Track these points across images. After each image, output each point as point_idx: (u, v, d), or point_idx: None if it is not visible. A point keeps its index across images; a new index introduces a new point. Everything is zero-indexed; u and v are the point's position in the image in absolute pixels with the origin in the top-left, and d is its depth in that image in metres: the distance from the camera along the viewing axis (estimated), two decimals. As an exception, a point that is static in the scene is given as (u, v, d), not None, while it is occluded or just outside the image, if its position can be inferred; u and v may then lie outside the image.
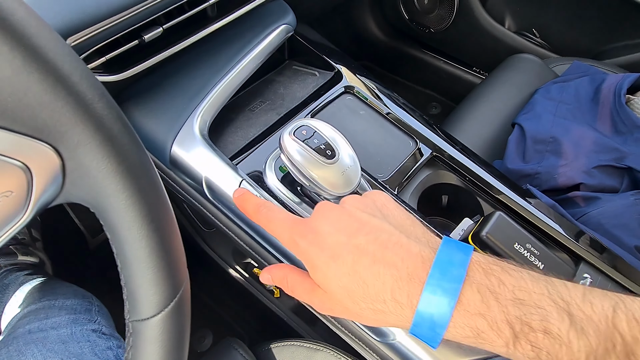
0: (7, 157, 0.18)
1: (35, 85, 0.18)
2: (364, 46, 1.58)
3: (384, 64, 1.59)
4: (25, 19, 0.18)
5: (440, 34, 1.39)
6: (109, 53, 0.46)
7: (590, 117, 0.79)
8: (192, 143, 0.52)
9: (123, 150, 0.21)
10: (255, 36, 0.63)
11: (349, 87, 0.65)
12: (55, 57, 0.18)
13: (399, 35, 1.52)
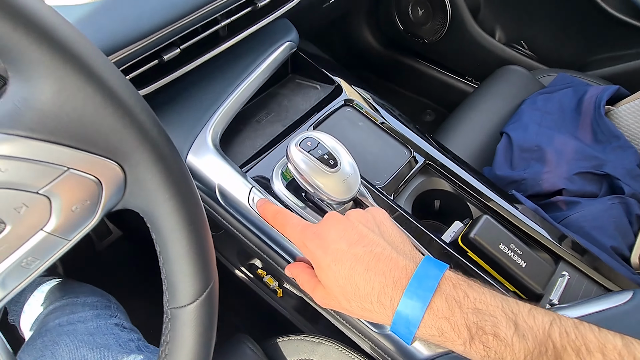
0: (86, 173, 0.23)
1: (109, 118, 0.23)
2: (360, 56, 1.64)
3: (380, 73, 1.65)
4: (103, 64, 0.23)
5: (434, 45, 1.44)
6: (132, 72, 0.51)
7: (572, 126, 0.85)
8: (206, 153, 0.57)
9: (171, 167, 0.26)
10: (262, 53, 0.68)
11: (348, 100, 0.70)
12: (124, 94, 0.23)
13: (394, 46, 1.58)
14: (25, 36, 0.19)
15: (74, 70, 0.21)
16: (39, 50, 0.20)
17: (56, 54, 0.20)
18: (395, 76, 1.61)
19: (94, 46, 0.23)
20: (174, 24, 0.50)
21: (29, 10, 0.19)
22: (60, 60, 0.20)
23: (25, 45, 0.20)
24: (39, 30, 0.20)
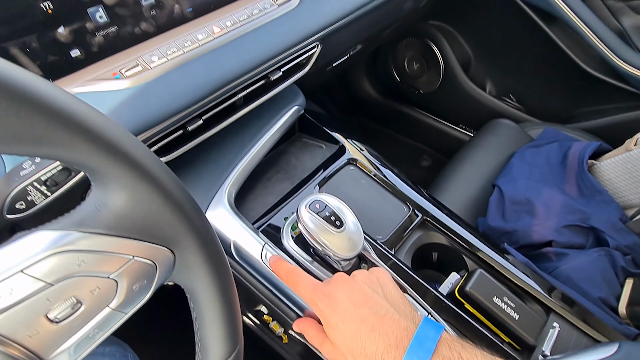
0: (146, 259, 0.28)
1: (167, 214, 0.28)
2: (360, 104, 1.73)
3: (379, 120, 1.73)
4: (164, 173, 0.28)
5: (429, 95, 1.54)
6: (159, 143, 0.57)
7: (559, 179, 0.91)
8: (223, 211, 0.63)
9: (210, 249, 0.32)
10: (272, 117, 0.75)
11: (351, 159, 0.76)
12: (179, 195, 0.29)
13: (391, 95, 1.68)
14: (107, 159, 0.25)
15: (143, 182, 0.27)
16: (118, 169, 0.26)
17: (131, 171, 0.26)
18: (393, 123, 1.70)
19: (157, 159, 0.28)
20: (199, 102, 0.56)
21: (111, 138, 0.25)
22: (134, 175, 0.26)
23: (107, 166, 0.25)
24: (118, 154, 0.25)
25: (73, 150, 0.24)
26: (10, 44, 0.45)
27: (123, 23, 0.53)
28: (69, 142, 0.23)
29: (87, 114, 0.24)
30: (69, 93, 0.24)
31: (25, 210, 0.37)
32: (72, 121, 0.23)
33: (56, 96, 0.23)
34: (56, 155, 0.24)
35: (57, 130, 0.22)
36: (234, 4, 0.64)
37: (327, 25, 0.72)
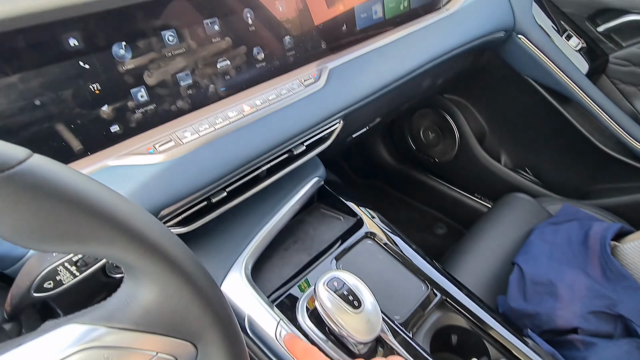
0: (169, 354, 0.28)
1: (195, 310, 0.28)
2: (376, 168, 1.76)
3: (393, 185, 1.75)
4: (195, 269, 0.29)
5: (445, 165, 1.56)
6: (183, 214, 0.58)
7: (582, 261, 0.89)
8: (239, 284, 0.62)
9: (232, 342, 0.31)
10: (293, 187, 0.77)
11: (370, 233, 0.76)
12: (209, 291, 0.29)
13: (407, 162, 1.71)
14: (144, 257, 0.26)
15: (176, 278, 0.27)
16: (153, 266, 0.26)
17: (165, 268, 0.27)
18: (408, 189, 1.71)
19: (190, 254, 0.29)
20: (226, 176, 0.58)
21: (149, 236, 0.26)
22: (168, 272, 0.27)
23: (142, 263, 0.26)
24: (155, 252, 0.26)
25: (113, 248, 0.24)
26: (58, 121, 0.48)
27: (161, 101, 0.56)
28: (109, 241, 0.24)
29: (128, 213, 0.25)
30: (112, 191, 0.26)
31: (52, 290, 0.37)
32: (115, 221, 0.24)
33: (101, 197, 0.24)
34: (96, 252, 0.24)
35: (101, 230, 0.23)
36: (264, 83, 0.68)
37: (350, 104, 0.76)
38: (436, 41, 0.95)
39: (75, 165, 0.49)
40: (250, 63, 0.66)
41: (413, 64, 0.88)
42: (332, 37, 0.78)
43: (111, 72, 0.51)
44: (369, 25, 0.86)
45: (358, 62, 0.79)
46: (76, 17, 0.46)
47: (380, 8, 0.87)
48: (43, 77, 0.46)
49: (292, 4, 0.70)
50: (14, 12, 0.40)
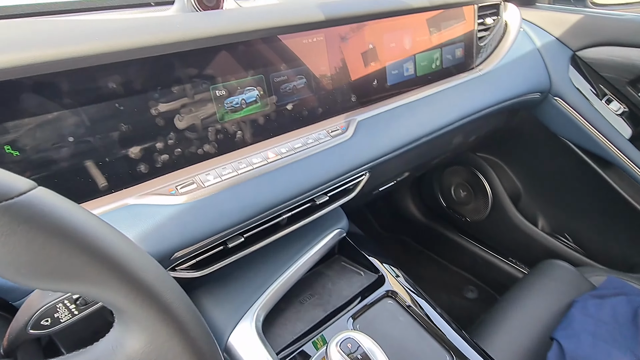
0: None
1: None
2: (403, 223, 1.71)
3: (421, 241, 1.68)
4: (191, 319, 0.27)
5: (476, 224, 1.49)
6: (198, 257, 0.57)
7: (631, 342, 0.79)
8: (248, 337, 0.59)
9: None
10: (314, 238, 0.75)
11: (391, 291, 0.72)
12: (202, 345, 0.27)
13: (436, 218, 1.65)
14: (134, 302, 0.24)
15: (166, 328, 0.25)
16: (142, 313, 0.25)
17: (155, 317, 0.25)
18: (437, 247, 1.64)
19: (186, 301, 0.27)
20: (245, 222, 0.58)
21: (139, 280, 0.24)
22: (157, 321, 0.25)
23: (132, 309, 0.24)
24: (146, 298, 0.25)
25: (103, 290, 0.23)
26: (87, 158, 0.50)
27: (188, 144, 0.58)
28: (100, 282, 0.23)
29: (122, 253, 0.24)
30: (113, 230, 0.25)
31: (49, 327, 0.36)
32: (107, 261, 0.23)
33: (97, 235, 0.23)
34: (86, 293, 0.23)
35: (91, 270, 0.22)
36: (291, 132, 0.69)
37: (377, 157, 0.75)
38: (468, 99, 0.94)
39: (97, 202, 0.50)
40: (279, 112, 0.67)
41: (443, 120, 0.87)
42: (363, 91, 0.79)
43: (143, 115, 0.53)
44: (399, 81, 0.87)
45: (387, 115, 0.80)
46: (118, 63, 0.49)
47: (412, 66, 0.89)
48: (79, 116, 0.48)
49: (332, 62, 0.72)
50: (59, 56, 0.43)
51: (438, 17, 0.92)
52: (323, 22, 0.66)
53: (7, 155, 0.45)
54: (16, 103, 0.44)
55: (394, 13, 0.79)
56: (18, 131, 0.45)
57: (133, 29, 0.49)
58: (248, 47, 0.61)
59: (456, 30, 0.97)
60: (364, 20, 0.75)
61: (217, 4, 0.62)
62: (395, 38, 0.83)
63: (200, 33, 0.53)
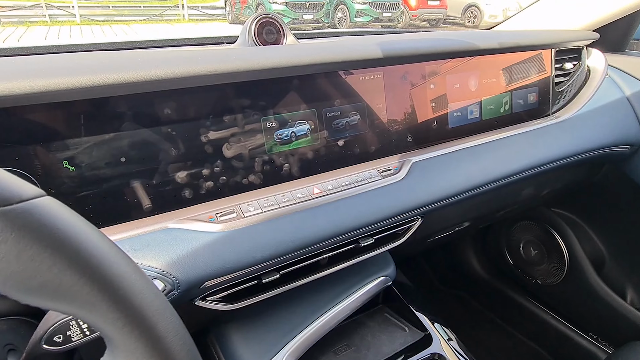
0: None
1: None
2: (464, 278, 1.57)
3: (483, 301, 1.53)
4: (181, 349, 0.24)
5: (549, 288, 1.32)
6: (230, 289, 0.55)
7: None
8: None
9: None
10: (357, 283, 0.70)
11: (438, 355, 0.64)
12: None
13: (502, 277, 1.49)
14: (123, 331, 0.22)
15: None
16: (133, 343, 0.23)
17: (146, 349, 0.23)
18: (501, 310, 1.47)
19: (182, 335, 0.25)
20: (281, 257, 0.55)
21: (131, 306, 0.22)
22: (148, 353, 0.23)
23: (121, 337, 0.22)
24: (137, 327, 0.23)
25: (92, 314, 0.22)
26: (136, 178, 0.51)
27: (234, 173, 0.58)
28: (89, 305, 0.21)
29: (118, 276, 0.22)
30: (115, 251, 0.23)
31: (61, 345, 0.36)
32: (99, 283, 0.21)
33: (94, 254, 0.22)
34: (75, 314, 0.22)
35: (81, 290, 0.21)
36: (340, 169, 0.66)
37: (431, 202, 0.69)
38: (540, 148, 0.86)
39: (139, 223, 0.51)
40: (329, 147, 0.65)
41: (509, 168, 0.80)
42: (420, 132, 0.75)
43: (193, 141, 0.54)
44: (462, 124, 0.82)
45: (446, 159, 0.75)
46: (174, 90, 0.51)
47: (477, 109, 0.84)
48: (133, 138, 0.50)
49: (389, 100, 0.70)
50: (120, 80, 0.46)
51: (509, 59, 0.86)
52: (381, 60, 0.65)
53: (64, 170, 0.47)
54: (78, 123, 0.47)
55: (458, 54, 0.76)
56: (77, 148, 0.48)
57: (191, 59, 0.51)
58: (302, 80, 0.61)
59: (529, 74, 0.91)
60: (425, 60, 0.73)
61: (277, 40, 0.64)
62: (459, 79, 0.80)
63: (254, 65, 0.54)
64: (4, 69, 0.44)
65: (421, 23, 8.83)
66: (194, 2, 11.05)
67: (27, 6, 8.69)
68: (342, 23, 8.12)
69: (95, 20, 8.55)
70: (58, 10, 8.54)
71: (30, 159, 0.45)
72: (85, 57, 0.50)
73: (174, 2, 10.04)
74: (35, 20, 8.12)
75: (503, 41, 0.79)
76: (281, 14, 7.33)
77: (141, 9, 9.97)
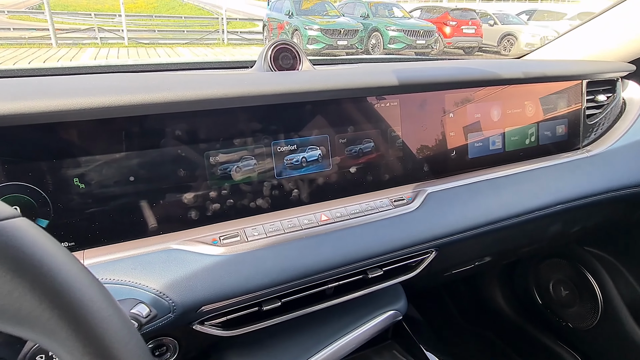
0: None
1: None
2: (488, 315, 1.49)
3: (508, 342, 1.43)
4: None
5: (581, 333, 1.23)
6: (229, 315, 0.54)
7: None
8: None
9: None
10: (364, 315, 0.67)
11: (445, 401, 0.59)
12: None
13: (529, 317, 1.40)
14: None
15: None
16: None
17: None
18: (528, 352, 1.37)
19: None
20: (282, 285, 0.54)
21: (98, 339, 0.22)
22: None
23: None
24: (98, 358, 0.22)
25: (50, 340, 0.21)
26: (143, 198, 0.52)
27: (241, 197, 0.57)
28: (48, 330, 0.21)
29: (81, 301, 0.22)
30: (87, 279, 0.23)
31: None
32: (60, 307, 0.21)
33: (56, 278, 0.21)
34: (35, 340, 0.21)
35: (41, 315, 0.20)
36: (351, 197, 0.65)
37: (446, 234, 0.66)
38: (569, 182, 0.81)
39: (143, 242, 0.51)
40: (340, 174, 0.64)
41: (534, 203, 0.75)
42: (437, 162, 0.73)
43: (202, 163, 0.54)
44: (483, 155, 0.79)
45: (464, 190, 0.72)
46: (185, 112, 0.52)
47: (500, 139, 0.81)
48: (143, 158, 0.51)
49: (405, 128, 0.68)
50: (131, 102, 0.47)
51: (536, 89, 0.83)
52: (396, 88, 0.64)
53: (74, 187, 0.49)
54: (90, 141, 0.49)
55: (478, 83, 0.74)
56: (88, 166, 0.49)
57: (203, 82, 0.52)
58: (315, 106, 0.61)
59: (558, 105, 0.87)
60: (443, 89, 0.71)
61: (293, 66, 0.64)
62: (481, 109, 0.77)
63: (264, 89, 0.54)
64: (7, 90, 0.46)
65: (455, 51, 8.81)
66: (234, 27, 11.55)
67: (81, 29, 9.37)
68: (375, 49, 8.23)
69: (142, 43, 9.09)
70: (109, 34, 9.14)
71: (42, 175, 0.47)
72: (102, 78, 0.52)
73: (215, 27, 10.53)
74: (87, 42, 8.73)
75: (528, 71, 0.76)
76: (316, 39, 7.55)
77: (184, 33, 10.52)
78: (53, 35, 7.74)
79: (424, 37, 8.06)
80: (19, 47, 7.67)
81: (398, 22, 8.16)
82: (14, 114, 0.42)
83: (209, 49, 9.02)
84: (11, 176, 0.46)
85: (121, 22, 9.14)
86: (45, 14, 8.00)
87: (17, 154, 0.46)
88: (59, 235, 0.48)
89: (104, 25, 9.71)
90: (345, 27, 7.79)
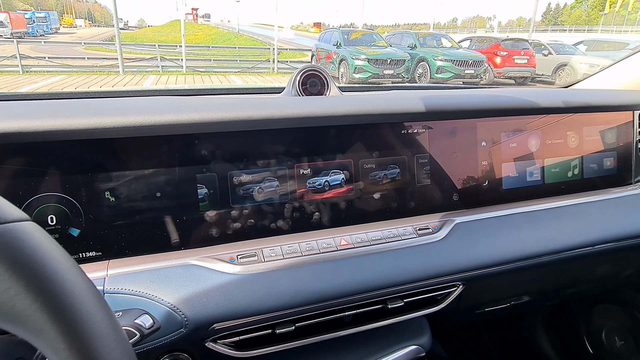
0: None
1: None
2: (530, 358, 1.37)
3: (554, 394, 1.30)
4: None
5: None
6: (242, 335, 0.54)
7: None
8: None
9: None
10: (383, 348, 0.64)
11: None
12: None
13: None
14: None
15: None
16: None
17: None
18: (576, 408, 1.24)
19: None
20: (296, 308, 0.53)
21: (82, 345, 0.22)
22: None
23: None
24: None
25: (39, 338, 0.22)
26: (168, 213, 0.54)
27: (262, 217, 0.58)
28: (37, 329, 0.22)
29: (73, 304, 0.23)
30: (85, 286, 0.24)
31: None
32: (51, 307, 0.22)
33: (52, 281, 0.22)
34: (22, 336, 0.22)
35: (34, 314, 0.22)
36: (373, 223, 0.64)
37: (474, 268, 0.63)
38: (618, 220, 0.75)
39: (164, 256, 0.53)
40: (363, 200, 0.63)
41: (576, 240, 0.70)
42: (468, 191, 0.70)
43: (226, 182, 0.56)
44: (520, 186, 0.75)
45: (495, 222, 0.68)
46: (213, 133, 0.55)
47: (538, 171, 0.76)
48: (170, 175, 0.54)
49: (434, 155, 0.67)
50: (160, 121, 0.50)
51: (580, 119, 0.79)
52: (423, 114, 0.63)
53: (105, 200, 0.52)
54: (123, 157, 0.52)
55: (513, 112, 0.71)
56: (119, 181, 0.52)
57: (231, 105, 0.54)
58: (340, 130, 0.61)
59: (606, 137, 0.82)
60: (474, 117, 0.69)
61: (321, 92, 0.66)
62: (517, 138, 0.74)
63: (288, 113, 0.55)
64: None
65: (506, 81, 8.58)
66: (284, 57, 12.05)
67: (145, 58, 10.20)
68: (422, 79, 8.21)
69: (198, 71, 9.71)
70: (170, 62, 9.87)
71: (78, 187, 0.50)
72: (136, 102, 0.56)
73: (267, 57, 11.05)
74: (150, 70, 9.47)
75: (568, 100, 0.73)
76: (362, 69, 7.66)
77: (237, 62, 11.12)
78: (121, 64, 8.49)
79: (472, 66, 7.94)
80: (90, 74, 8.47)
81: (446, 52, 8.12)
82: (56, 130, 0.46)
83: (259, 77, 9.45)
84: (50, 187, 0.49)
85: (181, 52, 9.85)
86: (116, 46, 8.81)
87: (57, 167, 0.50)
88: (88, 245, 0.51)
89: (166, 54, 10.51)
90: (392, 57, 7.87)
